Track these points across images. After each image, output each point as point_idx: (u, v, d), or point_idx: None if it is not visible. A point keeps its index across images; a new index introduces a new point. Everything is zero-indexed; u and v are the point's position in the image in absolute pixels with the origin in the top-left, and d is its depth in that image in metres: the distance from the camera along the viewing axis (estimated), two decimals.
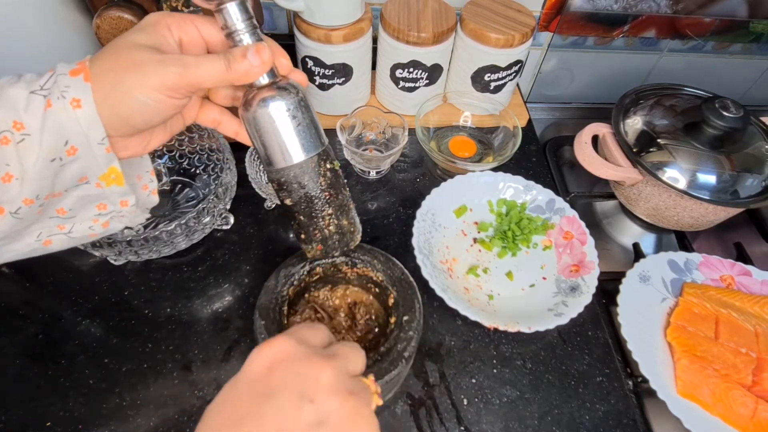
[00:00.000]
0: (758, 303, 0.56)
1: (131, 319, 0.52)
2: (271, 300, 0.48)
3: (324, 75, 0.66)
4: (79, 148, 0.29)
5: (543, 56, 0.83)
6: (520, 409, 0.49)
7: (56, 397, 0.47)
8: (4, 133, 0.27)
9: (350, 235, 0.40)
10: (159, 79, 0.29)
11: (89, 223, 0.34)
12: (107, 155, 0.30)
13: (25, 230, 0.32)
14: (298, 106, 0.34)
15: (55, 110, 0.28)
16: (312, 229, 0.38)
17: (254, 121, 0.34)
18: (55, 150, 0.29)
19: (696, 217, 0.63)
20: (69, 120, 0.28)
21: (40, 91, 0.28)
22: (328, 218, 0.38)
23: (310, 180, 0.36)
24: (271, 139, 0.34)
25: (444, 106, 0.73)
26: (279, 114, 0.33)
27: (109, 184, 0.32)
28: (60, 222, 0.33)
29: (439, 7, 0.66)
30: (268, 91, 0.33)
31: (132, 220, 0.37)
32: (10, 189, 0.29)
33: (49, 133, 0.28)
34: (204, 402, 0.47)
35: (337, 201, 0.38)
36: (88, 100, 0.28)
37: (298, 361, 0.28)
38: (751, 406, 0.48)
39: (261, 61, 0.31)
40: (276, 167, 0.35)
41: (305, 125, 0.35)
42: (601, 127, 0.68)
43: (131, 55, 0.29)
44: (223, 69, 0.30)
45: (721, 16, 0.77)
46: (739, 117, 0.60)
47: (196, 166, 0.63)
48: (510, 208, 0.64)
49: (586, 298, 0.53)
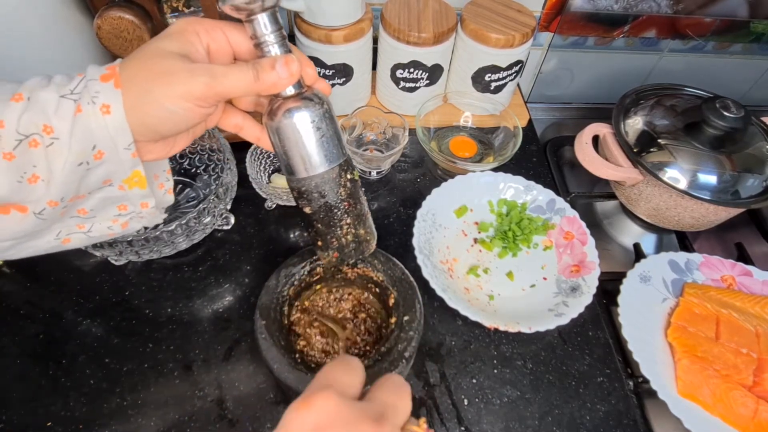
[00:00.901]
0: (759, 303, 0.56)
1: (132, 319, 0.52)
2: (271, 300, 0.48)
3: (324, 75, 0.66)
4: (106, 153, 0.29)
5: (543, 56, 0.83)
6: (521, 409, 0.49)
7: (57, 396, 0.47)
8: (33, 136, 0.28)
9: (366, 244, 0.41)
10: (188, 89, 0.29)
11: (108, 223, 0.35)
12: (133, 160, 0.31)
13: (47, 229, 0.32)
14: (322, 117, 0.34)
15: (85, 115, 0.28)
16: (329, 237, 0.39)
17: (278, 131, 0.34)
18: (83, 154, 0.29)
19: (697, 218, 0.63)
20: (98, 126, 0.28)
21: (71, 96, 0.28)
22: (346, 227, 0.38)
23: (331, 190, 0.36)
24: (294, 149, 0.34)
25: (444, 106, 0.73)
26: (303, 125, 0.33)
27: (132, 186, 0.32)
28: (80, 222, 0.33)
29: (439, 8, 0.66)
30: (294, 102, 0.33)
31: (150, 220, 0.37)
32: (36, 190, 0.29)
33: (78, 138, 0.28)
34: (205, 401, 0.47)
35: (356, 210, 0.38)
36: (117, 106, 0.28)
37: (344, 429, 0.25)
38: (751, 406, 0.48)
39: (289, 73, 0.31)
40: (298, 176, 0.35)
41: (329, 136, 0.35)
42: (602, 128, 0.68)
43: (161, 63, 0.29)
44: (252, 80, 0.30)
45: (722, 16, 0.77)
46: (740, 117, 0.60)
47: (196, 166, 0.64)
48: (510, 209, 0.64)
49: (587, 299, 0.53)
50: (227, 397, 0.48)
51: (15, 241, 0.31)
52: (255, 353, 0.50)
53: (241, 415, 0.47)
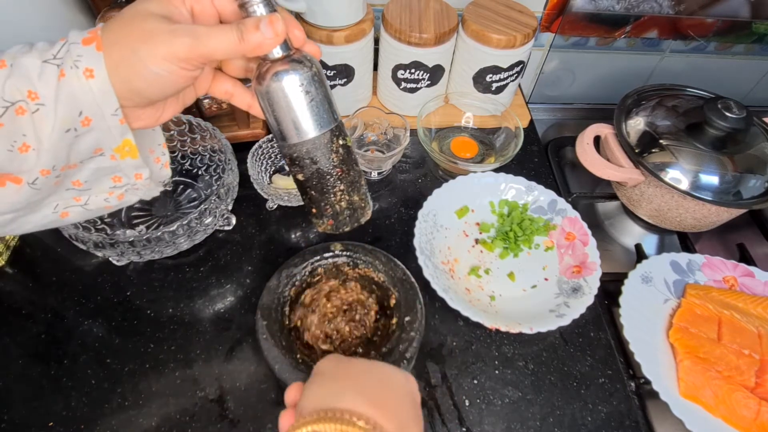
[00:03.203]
0: (761, 304, 0.56)
1: (133, 319, 0.52)
2: (272, 300, 0.48)
3: (326, 76, 0.66)
4: (93, 119, 0.29)
5: (545, 57, 0.83)
6: (522, 410, 0.49)
7: (59, 396, 0.47)
8: (19, 103, 0.27)
9: (361, 211, 0.40)
10: (170, 50, 0.28)
11: (105, 195, 0.35)
12: (121, 126, 0.30)
13: (43, 201, 0.32)
14: (311, 80, 0.33)
15: (68, 80, 0.28)
16: (323, 204, 0.38)
17: (267, 96, 0.33)
18: (69, 120, 0.28)
19: (698, 218, 0.63)
20: (82, 90, 0.28)
21: (53, 61, 0.28)
22: (340, 194, 0.38)
23: (323, 156, 0.36)
24: (283, 114, 0.34)
25: (446, 106, 0.73)
26: (292, 88, 0.33)
27: (124, 156, 0.32)
28: (76, 194, 0.33)
29: (440, 8, 0.66)
30: (282, 65, 0.32)
31: (147, 192, 0.37)
32: (28, 159, 0.29)
33: (63, 103, 0.28)
34: (206, 401, 0.47)
35: (349, 177, 0.38)
36: (100, 70, 0.28)
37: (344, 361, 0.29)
38: (753, 408, 0.47)
39: (274, 33, 0.30)
40: (288, 142, 0.35)
41: (319, 100, 0.34)
42: (603, 128, 0.67)
43: (142, 24, 0.28)
44: (236, 40, 0.29)
45: (724, 16, 0.77)
46: (742, 118, 0.59)
47: (198, 166, 0.64)
48: (512, 209, 0.64)
49: (588, 299, 0.53)
50: (228, 397, 0.48)
51: (14, 214, 0.32)
52: (256, 353, 0.50)
53: (242, 415, 0.47)
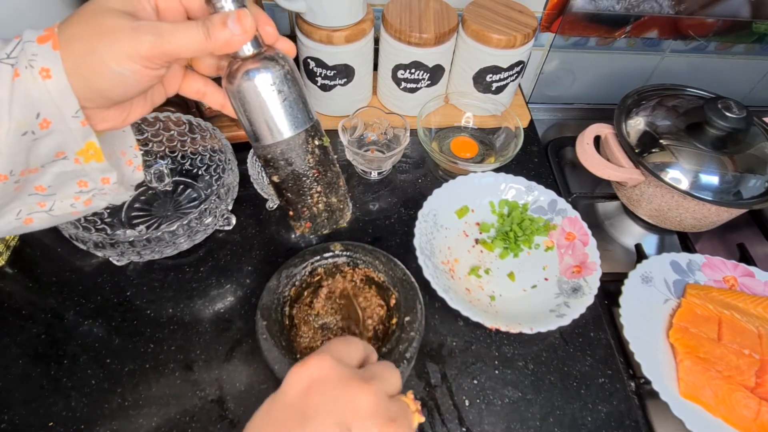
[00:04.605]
0: (761, 304, 0.56)
1: (133, 320, 0.52)
2: (272, 300, 0.48)
3: (326, 76, 0.66)
4: (53, 121, 0.28)
5: (545, 57, 0.83)
6: (522, 410, 0.49)
7: (58, 397, 0.47)
8: None
9: (340, 213, 0.39)
10: (132, 48, 0.27)
11: (70, 200, 0.33)
12: (83, 129, 0.29)
13: (5, 208, 0.31)
14: (284, 79, 0.32)
15: (24, 80, 0.26)
16: (300, 206, 0.37)
17: (238, 95, 0.32)
18: (26, 123, 0.27)
19: (698, 218, 0.63)
20: (39, 91, 0.26)
21: (7, 60, 0.26)
22: (317, 196, 0.37)
23: (298, 157, 0.35)
24: (256, 114, 0.33)
25: (446, 106, 0.73)
26: (264, 87, 0.32)
27: (88, 160, 0.31)
28: (40, 199, 0.32)
29: (440, 8, 0.66)
30: (253, 63, 0.31)
31: (115, 197, 0.35)
32: None
33: (18, 104, 0.26)
34: (206, 402, 0.47)
35: (326, 179, 0.37)
36: (57, 69, 0.26)
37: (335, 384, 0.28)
38: (754, 408, 0.47)
39: (243, 30, 0.29)
40: (262, 143, 0.34)
41: (292, 99, 0.33)
42: (603, 128, 0.67)
43: (102, 21, 0.27)
44: (202, 38, 0.28)
45: (724, 16, 0.77)
46: (742, 118, 0.59)
47: (198, 166, 0.64)
48: (512, 209, 0.64)
49: (588, 299, 0.53)
50: (228, 398, 0.48)
51: None
52: (256, 354, 0.50)
53: (242, 416, 0.47)
